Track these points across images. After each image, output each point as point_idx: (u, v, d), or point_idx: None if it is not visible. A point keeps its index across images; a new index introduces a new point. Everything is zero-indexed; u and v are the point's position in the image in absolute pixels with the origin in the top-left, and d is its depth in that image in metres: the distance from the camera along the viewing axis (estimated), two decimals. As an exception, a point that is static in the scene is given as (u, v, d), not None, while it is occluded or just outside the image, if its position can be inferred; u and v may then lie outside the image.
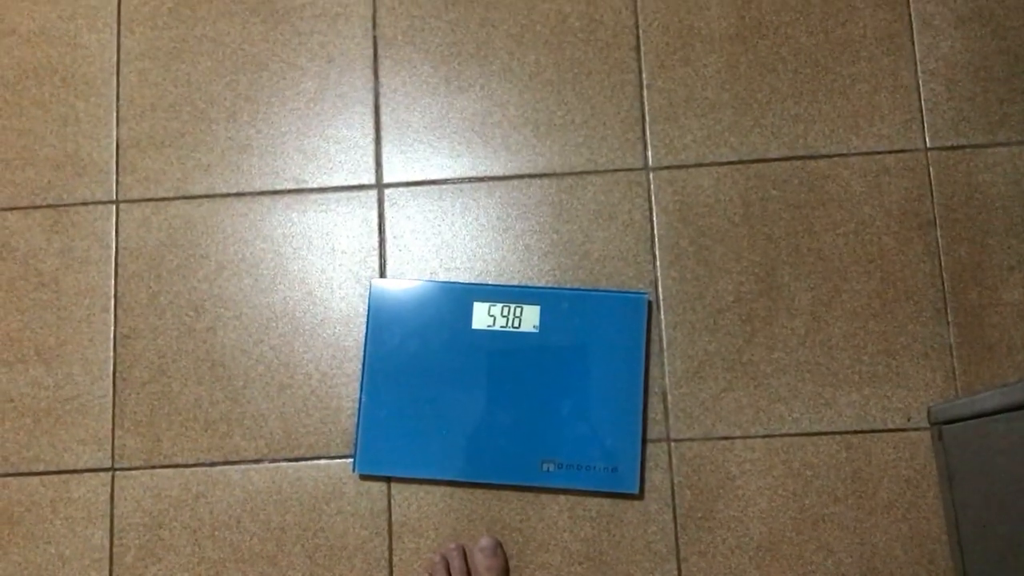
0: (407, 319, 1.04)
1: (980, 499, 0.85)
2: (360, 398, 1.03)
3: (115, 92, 1.12)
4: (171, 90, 1.12)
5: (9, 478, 1.05)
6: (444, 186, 1.09)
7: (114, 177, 1.11)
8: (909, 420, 1.01)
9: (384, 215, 1.09)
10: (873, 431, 1.01)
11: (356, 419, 1.03)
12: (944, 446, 0.92)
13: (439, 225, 1.08)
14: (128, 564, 1.03)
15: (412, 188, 1.09)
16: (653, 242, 1.06)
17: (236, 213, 1.09)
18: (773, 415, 1.02)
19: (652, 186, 1.07)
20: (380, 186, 1.09)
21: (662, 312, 1.04)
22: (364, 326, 1.05)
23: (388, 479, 1.03)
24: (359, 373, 1.05)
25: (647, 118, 1.08)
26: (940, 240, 1.04)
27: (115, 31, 1.14)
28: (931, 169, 1.05)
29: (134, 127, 1.11)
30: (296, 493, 1.03)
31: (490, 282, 1.06)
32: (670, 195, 1.07)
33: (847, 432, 1.01)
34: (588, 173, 1.08)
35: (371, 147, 1.10)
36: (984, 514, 0.84)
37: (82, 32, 1.14)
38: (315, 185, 1.10)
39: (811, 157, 1.06)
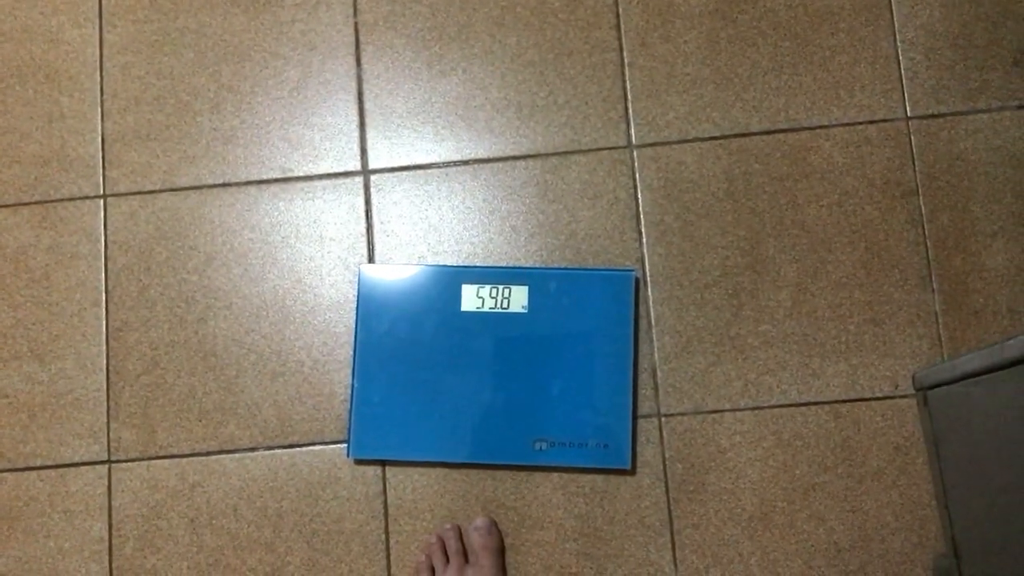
0: (396, 304, 1.05)
1: (965, 461, 0.86)
2: (352, 383, 1.04)
3: (99, 87, 1.13)
4: (154, 83, 1.13)
5: (6, 474, 1.06)
6: (429, 170, 1.09)
7: (100, 172, 1.11)
8: (896, 388, 1.02)
9: (371, 201, 1.09)
10: (861, 400, 1.02)
11: (349, 404, 1.04)
12: (929, 410, 0.93)
13: (426, 209, 1.08)
14: (127, 555, 1.04)
15: (397, 173, 1.09)
16: (639, 219, 1.06)
17: (223, 204, 1.10)
18: (762, 387, 1.03)
19: (636, 164, 1.07)
20: (366, 172, 1.10)
21: (649, 288, 1.05)
22: (354, 312, 1.06)
23: (382, 463, 1.04)
24: (351, 359, 1.05)
25: (629, 96, 1.09)
26: (923, 208, 1.05)
27: (97, 26, 1.14)
28: (912, 138, 1.06)
29: (119, 121, 1.12)
30: (292, 480, 1.04)
31: (478, 264, 1.07)
32: (654, 172, 1.07)
33: (835, 402, 1.02)
34: (572, 153, 1.08)
35: (356, 134, 1.11)
36: (969, 476, 0.85)
37: (64, 28, 1.14)
38: (301, 173, 1.10)
39: (793, 130, 1.07)
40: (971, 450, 0.84)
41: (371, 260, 1.08)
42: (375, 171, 1.10)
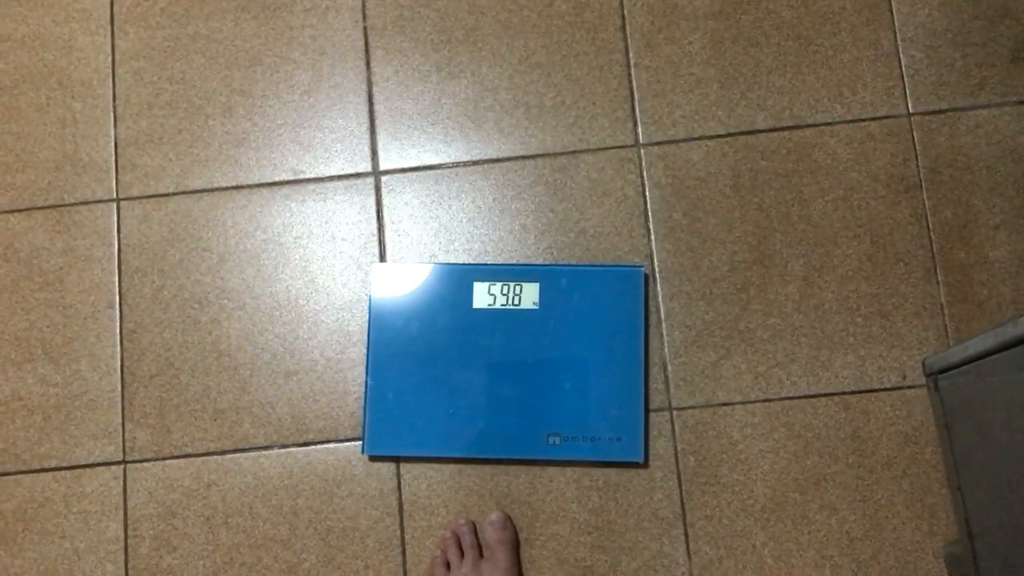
0: (409, 302, 1.06)
1: (978, 444, 0.87)
2: (366, 381, 1.04)
3: (111, 92, 1.14)
4: (167, 88, 1.14)
5: (22, 475, 1.06)
6: (440, 171, 1.11)
7: (114, 175, 1.12)
8: (904, 378, 1.03)
9: (382, 201, 1.10)
10: (870, 391, 1.03)
11: (363, 402, 1.04)
12: (940, 396, 0.94)
13: (436, 209, 1.10)
14: (143, 555, 1.04)
15: (408, 174, 1.11)
16: (647, 216, 1.08)
17: (236, 206, 1.11)
18: (771, 380, 1.04)
19: (643, 162, 1.09)
20: (376, 173, 1.11)
21: (659, 284, 1.06)
22: (367, 311, 1.07)
23: (397, 459, 1.05)
24: (364, 357, 1.06)
25: (636, 96, 1.11)
26: (926, 202, 1.06)
27: (109, 32, 1.16)
28: (915, 133, 1.08)
29: (131, 126, 1.13)
30: (307, 477, 1.05)
31: (489, 262, 1.08)
32: (661, 170, 1.09)
33: (845, 393, 1.03)
34: (580, 152, 1.10)
35: (366, 135, 1.12)
36: (982, 458, 0.86)
37: (76, 35, 1.16)
38: (312, 175, 1.11)
39: (797, 127, 1.09)
40: (983, 432, 0.85)
41: (383, 259, 1.09)
42: (386, 172, 1.11)
